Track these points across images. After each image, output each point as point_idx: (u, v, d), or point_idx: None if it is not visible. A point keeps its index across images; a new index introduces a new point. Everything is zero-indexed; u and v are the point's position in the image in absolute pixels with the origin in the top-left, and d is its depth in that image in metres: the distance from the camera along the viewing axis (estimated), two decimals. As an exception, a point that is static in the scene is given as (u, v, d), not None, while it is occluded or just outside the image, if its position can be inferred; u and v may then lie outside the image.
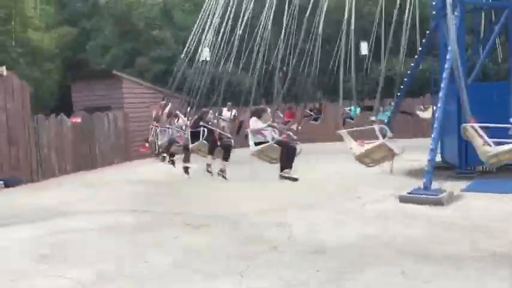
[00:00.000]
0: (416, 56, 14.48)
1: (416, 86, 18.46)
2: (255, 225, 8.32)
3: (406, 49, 12.92)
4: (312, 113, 18.04)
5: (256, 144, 8.51)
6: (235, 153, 10.50)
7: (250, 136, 8.67)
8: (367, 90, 20.05)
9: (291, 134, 9.04)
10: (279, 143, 8.41)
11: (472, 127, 6.86)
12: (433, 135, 10.46)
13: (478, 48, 14.11)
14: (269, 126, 8.55)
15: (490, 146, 6.54)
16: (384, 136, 7.74)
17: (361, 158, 8.08)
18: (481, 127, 6.81)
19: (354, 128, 9.43)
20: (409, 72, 14.92)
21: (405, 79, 14.98)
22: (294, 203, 9.81)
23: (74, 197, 11.86)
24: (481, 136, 6.65)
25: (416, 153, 13.97)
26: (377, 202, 9.61)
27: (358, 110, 16.71)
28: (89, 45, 27.86)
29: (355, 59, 9.28)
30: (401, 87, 15.04)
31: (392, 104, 15.19)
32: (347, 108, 16.83)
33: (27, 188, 13.69)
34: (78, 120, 16.91)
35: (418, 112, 17.18)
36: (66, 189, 13.36)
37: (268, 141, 8.39)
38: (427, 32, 13.94)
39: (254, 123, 8.63)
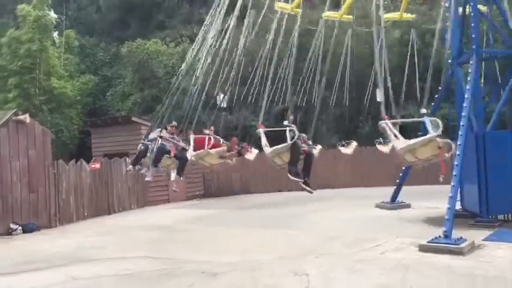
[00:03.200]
0: (433, 104, 14.54)
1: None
2: (272, 273, 8.21)
3: (423, 96, 13.03)
4: None
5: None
6: (242, 200, 10.59)
7: (262, 137, 8.61)
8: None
9: (304, 135, 8.90)
10: (294, 145, 8.13)
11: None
12: (452, 183, 10.32)
13: (495, 95, 14.13)
14: (287, 127, 8.37)
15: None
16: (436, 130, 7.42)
17: (404, 153, 7.64)
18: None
19: (399, 120, 9.20)
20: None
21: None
22: (311, 251, 9.68)
23: (91, 243, 11.90)
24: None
25: (433, 200, 13.85)
26: (396, 251, 9.43)
27: None
28: (109, 92, 28.59)
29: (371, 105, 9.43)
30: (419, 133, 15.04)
31: None
32: None
33: (45, 234, 13.78)
34: (98, 166, 17.15)
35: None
36: (83, 235, 13.42)
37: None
38: (442, 79, 14.06)
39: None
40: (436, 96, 14.28)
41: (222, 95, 13.18)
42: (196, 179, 21.55)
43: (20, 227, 13.77)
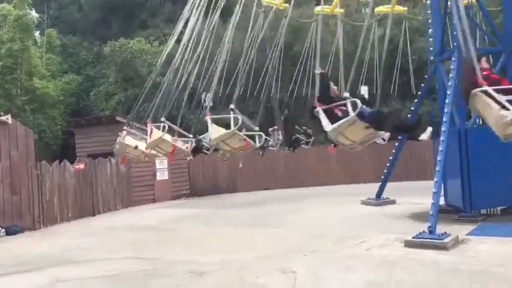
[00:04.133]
0: (416, 100, 14.65)
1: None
2: (258, 272, 8.19)
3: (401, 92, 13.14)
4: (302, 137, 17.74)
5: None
6: (229, 198, 10.65)
7: (322, 117, 7.99)
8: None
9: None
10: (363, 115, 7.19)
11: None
12: (435, 178, 10.41)
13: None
14: (347, 98, 7.66)
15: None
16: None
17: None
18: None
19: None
20: (409, 115, 15.05)
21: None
22: (297, 249, 9.68)
23: (75, 245, 11.75)
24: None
25: (418, 196, 13.97)
26: (381, 247, 9.48)
27: None
28: (92, 92, 28.30)
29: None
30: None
31: None
32: None
33: (29, 236, 13.58)
34: (82, 166, 16.96)
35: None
36: (67, 236, 13.25)
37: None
38: (425, 76, 14.16)
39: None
40: (419, 93, 14.40)
41: (206, 94, 13.15)
42: (182, 178, 21.45)
43: (3, 230, 13.56)
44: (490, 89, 6.01)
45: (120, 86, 26.99)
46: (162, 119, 12.02)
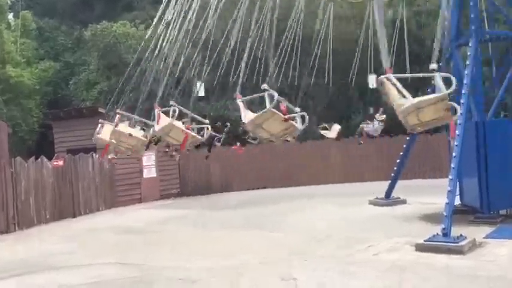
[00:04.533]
0: (428, 90, 14.64)
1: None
2: (256, 279, 8.22)
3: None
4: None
5: None
6: (223, 198, 10.64)
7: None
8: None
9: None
10: None
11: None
12: (450, 176, 10.43)
13: (496, 80, 14.28)
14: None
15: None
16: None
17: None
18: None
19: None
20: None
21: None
22: (299, 253, 9.71)
23: (55, 249, 11.76)
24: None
25: (431, 195, 14.01)
26: (391, 251, 9.53)
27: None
28: (72, 81, 28.19)
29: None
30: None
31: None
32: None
33: (2, 240, 13.57)
34: (60, 163, 16.94)
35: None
36: (46, 240, 13.27)
37: None
38: (440, 63, 14.15)
39: None
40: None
41: (198, 83, 13.12)
42: (171, 175, 21.45)
43: (-26, 233, 13.57)
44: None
45: (102, 74, 26.88)
46: (172, 102, 11.46)
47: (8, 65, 23.98)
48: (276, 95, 8.98)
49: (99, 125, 12.96)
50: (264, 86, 9.28)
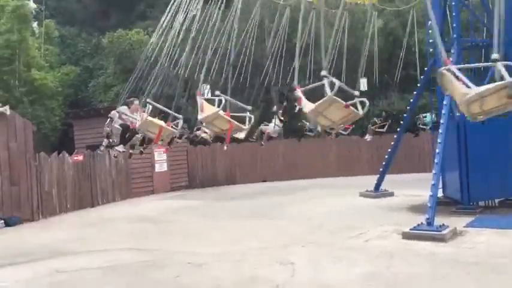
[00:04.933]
0: (415, 92, 14.64)
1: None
2: (257, 263, 8.22)
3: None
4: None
5: None
6: (227, 190, 10.55)
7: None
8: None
9: None
10: None
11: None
12: (434, 171, 10.44)
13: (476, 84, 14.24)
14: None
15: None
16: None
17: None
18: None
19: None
20: (408, 108, 15.08)
21: (405, 115, 15.14)
22: (296, 240, 9.71)
23: (75, 236, 11.79)
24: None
25: (416, 188, 14.01)
26: (380, 238, 9.52)
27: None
28: (91, 84, 28.21)
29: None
30: (401, 122, 15.23)
31: None
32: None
33: (28, 227, 13.60)
34: (80, 158, 16.95)
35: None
36: (66, 227, 13.28)
37: None
38: (425, 68, 14.13)
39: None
40: (418, 85, 14.38)
41: (205, 86, 13.03)
42: (180, 169, 21.45)
43: (3, 221, 13.57)
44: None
45: (118, 77, 26.89)
46: (217, 92, 10.59)
47: (33, 69, 23.97)
48: (337, 82, 8.12)
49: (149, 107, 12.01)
50: (324, 72, 8.34)
